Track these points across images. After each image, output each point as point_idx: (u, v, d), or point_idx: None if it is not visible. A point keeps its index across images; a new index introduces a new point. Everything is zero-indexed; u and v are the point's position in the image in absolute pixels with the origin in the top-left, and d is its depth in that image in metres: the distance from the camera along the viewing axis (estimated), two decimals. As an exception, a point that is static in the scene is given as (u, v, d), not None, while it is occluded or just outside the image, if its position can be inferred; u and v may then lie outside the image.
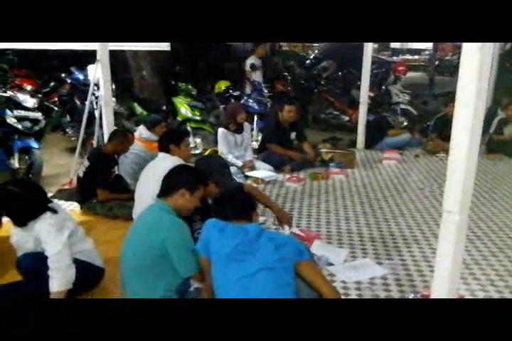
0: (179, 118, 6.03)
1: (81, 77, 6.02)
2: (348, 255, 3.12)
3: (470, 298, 2.60)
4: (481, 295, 2.63)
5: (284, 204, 4.12)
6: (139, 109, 6.30)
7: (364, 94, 6.26)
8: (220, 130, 4.91)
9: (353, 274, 2.87)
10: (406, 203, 4.16)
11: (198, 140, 5.93)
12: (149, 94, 7.57)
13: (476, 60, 1.70)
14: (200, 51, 9.82)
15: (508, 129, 5.89)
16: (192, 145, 5.28)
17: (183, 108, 5.97)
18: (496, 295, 2.62)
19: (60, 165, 5.35)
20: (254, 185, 4.34)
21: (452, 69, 12.57)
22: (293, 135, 5.37)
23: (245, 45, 9.81)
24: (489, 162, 5.60)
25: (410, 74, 7.84)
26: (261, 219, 3.23)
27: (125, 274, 2.33)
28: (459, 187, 1.84)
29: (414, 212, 3.95)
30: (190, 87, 6.57)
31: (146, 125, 4.64)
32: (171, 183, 2.39)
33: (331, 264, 2.97)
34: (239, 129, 4.97)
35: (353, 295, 2.62)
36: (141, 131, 4.59)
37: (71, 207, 3.98)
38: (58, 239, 2.33)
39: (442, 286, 2.04)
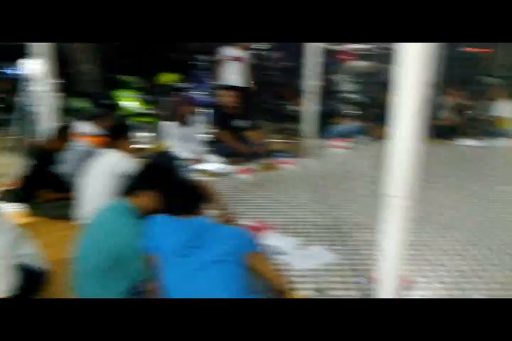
0: (123, 113, 5.86)
1: (19, 71, 5.73)
2: (301, 243, 3.14)
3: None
4: (430, 275, 2.72)
5: (235, 196, 4.10)
6: (81, 104, 6.07)
7: (311, 83, 6.30)
8: (167, 123, 4.82)
9: (306, 262, 2.89)
10: (356, 189, 4.24)
11: (146, 134, 5.79)
12: (92, 88, 7.31)
13: (415, 48, 1.73)
14: (147, 43, 9.55)
15: (446, 114, 6.13)
16: (139, 139, 5.15)
17: (128, 102, 5.81)
18: (444, 275, 2.72)
19: (2, 165, 5.08)
20: (204, 179, 4.29)
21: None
22: (242, 123, 5.33)
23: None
24: (435, 146, 5.81)
25: (356, 62, 7.96)
26: (213, 211, 3.19)
27: (80, 278, 2.21)
28: (400, 172, 1.88)
29: (364, 197, 4.04)
30: (136, 79, 6.40)
31: (89, 120, 4.47)
32: (138, 183, 2.30)
33: (285, 254, 2.98)
34: (186, 122, 4.89)
35: (306, 282, 2.64)
36: (84, 126, 4.41)
37: (16, 209, 3.79)
38: None
39: (389, 268, 2.09)
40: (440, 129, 6.14)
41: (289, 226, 3.43)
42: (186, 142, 4.90)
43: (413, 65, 1.71)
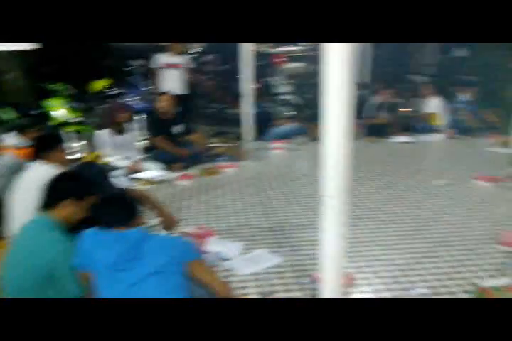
0: (53, 122, 5.61)
1: None
2: (245, 248, 3.12)
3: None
4: (367, 270, 2.78)
5: (176, 203, 4.01)
6: (7, 115, 5.74)
7: (246, 86, 6.32)
8: (100, 131, 4.65)
9: (250, 266, 2.88)
10: (298, 189, 4.28)
11: (78, 143, 5.57)
12: (18, 99, 6.94)
13: (339, 49, 1.75)
14: (75, 49, 9.20)
15: (378, 113, 6.34)
16: (70, 149, 4.94)
17: (57, 111, 5.56)
18: (382, 269, 2.78)
19: None
20: (142, 187, 4.18)
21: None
22: (179, 128, 5.25)
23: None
24: (369, 144, 6.01)
25: (291, 64, 8.08)
26: (150, 221, 3.10)
27: (10, 297, 2.08)
28: (333, 171, 1.90)
29: (307, 197, 4.08)
30: (65, 87, 6.14)
31: (16, 131, 4.24)
32: (54, 194, 2.18)
33: (229, 259, 2.95)
34: (122, 129, 4.75)
35: (251, 287, 2.62)
36: (11, 139, 4.18)
37: None
38: None
39: (330, 267, 2.11)
40: (373, 127, 6.34)
41: (233, 231, 3.41)
42: (122, 150, 4.76)
43: (337, 64, 1.74)
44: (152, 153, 5.09)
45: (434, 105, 6.47)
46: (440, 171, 4.74)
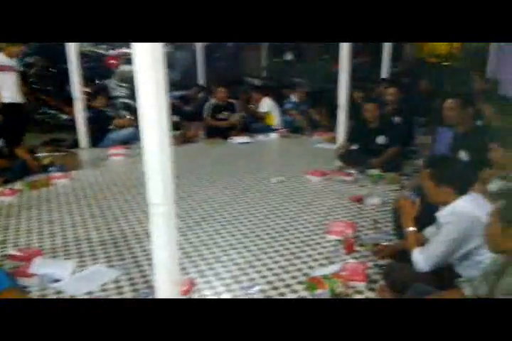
0: None
1: None
2: (77, 265, 2.88)
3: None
4: (208, 273, 2.76)
5: (1, 222, 3.56)
6: None
7: (77, 89, 5.92)
8: None
9: (84, 285, 2.65)
10: (136, 198, 4.11)
11: None
12: None
13: (148, 56, 1.67)
14: None
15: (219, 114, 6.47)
16: None
17: None
18: (222, 271, 2.79)
19: None
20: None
21: (170, 61, 13.15)
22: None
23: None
24: (208, 146, 6.07)
25: (126, 67, 7.76)
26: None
27: None
28: (158, 179, 1.82)
29: (145, 205, 3.91)
30: None
31: None
32: None
33: (60, 280, 2.69)
34: None
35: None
36: None
37: None
38: None
39: (163, 277, 2.03)
40: (212, 129, 6.43)
41: (63, 248, 3.12)
42: None
43: (149, 66, 1.66)
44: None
45: (267, 106, 6.80)
46: (276, 169, 4.98)
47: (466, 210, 2.10)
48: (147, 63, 1.66)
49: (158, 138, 1.74)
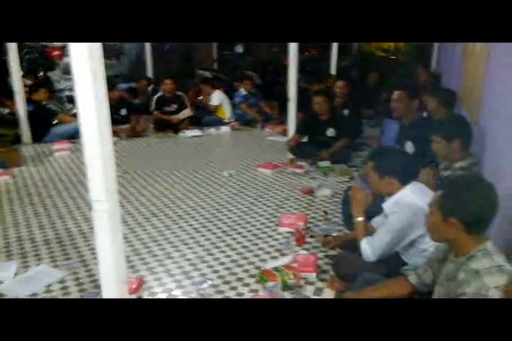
0: None
1: None
2: (20, 266, 2.75)
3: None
4: (159, 269, 2.71)
5: None
6: None
7: (17, 81, 5.64)
8: None
9: (27, 286, 2.54)
10: (82, 194, 3.97)
11: None
12: None
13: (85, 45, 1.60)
14: None
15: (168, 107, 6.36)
16: None
17: None
18: (173, 267, 2.74)
19: None
20: None
21: (117, 53, 12.77)
22: None
23: None
24: (158, 140, 5.96)
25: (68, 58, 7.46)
26: None
27: None
28: (99, 175, 1.76)
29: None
30: None
31: None
32: None
33: (1, 282, 2.56)
34: None
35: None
36: None
37: None
38: None
39: (110, 276, 1.96)
40: (161, 122, 6.30)
41: (5, 249, 2.98)
42: None
43: (85, 58, 1.59)
44: None
45: (218, 99, 6.73)
46: (228, 162, 4.95)
47: (409, 200, 2.15)
48: (84, 54, 1.58)
49: (98, 132, 1.67)
